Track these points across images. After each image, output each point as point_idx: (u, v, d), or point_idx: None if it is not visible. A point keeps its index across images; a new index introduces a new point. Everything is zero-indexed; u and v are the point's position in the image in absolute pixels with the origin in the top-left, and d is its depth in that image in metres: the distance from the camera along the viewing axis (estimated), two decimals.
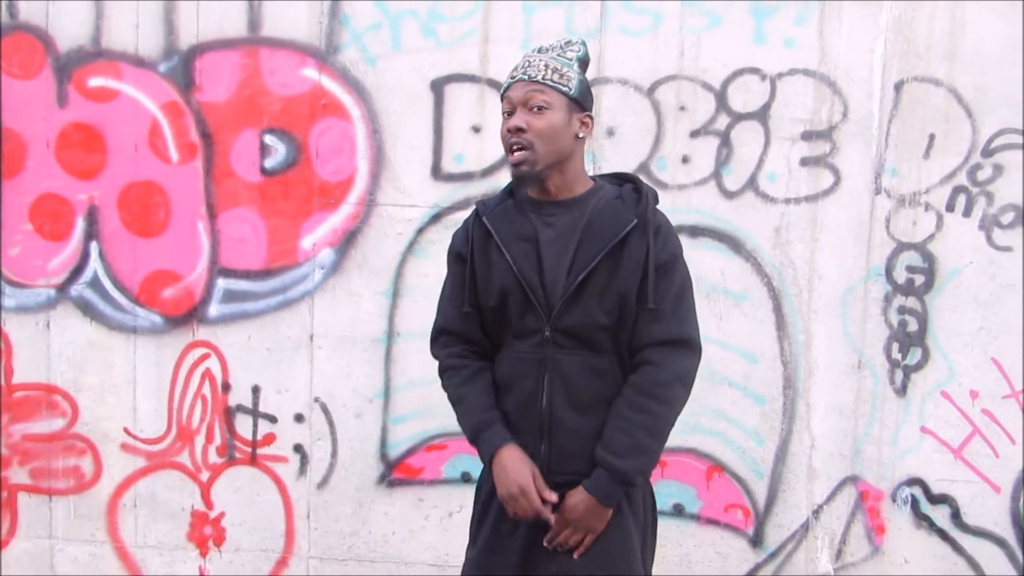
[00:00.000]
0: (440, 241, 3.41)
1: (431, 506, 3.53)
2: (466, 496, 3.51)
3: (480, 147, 3.39)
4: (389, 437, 3.50)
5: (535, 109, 2.09)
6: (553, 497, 2.10)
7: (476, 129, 3.39)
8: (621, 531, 2.16)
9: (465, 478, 3.50)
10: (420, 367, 3.46)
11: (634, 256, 2.09)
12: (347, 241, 3.44)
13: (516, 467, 2.10)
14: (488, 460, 2.16)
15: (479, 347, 2.28)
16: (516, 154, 2.10)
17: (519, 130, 2.08)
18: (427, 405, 3.47)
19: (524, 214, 2.16)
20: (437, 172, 3.41)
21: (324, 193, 3.42)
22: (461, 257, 2.24)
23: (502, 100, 2.16)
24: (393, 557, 3.55)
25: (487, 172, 3.41)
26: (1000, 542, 3.45)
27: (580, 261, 2.09)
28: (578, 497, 2.11)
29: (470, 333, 2.27)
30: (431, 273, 3.42)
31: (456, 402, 2.27)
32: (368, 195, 3.42)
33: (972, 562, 3.46)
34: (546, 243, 2.13)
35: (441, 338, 2.33)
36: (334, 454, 3.51)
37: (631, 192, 2.20)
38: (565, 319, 2.10)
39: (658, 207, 2.18)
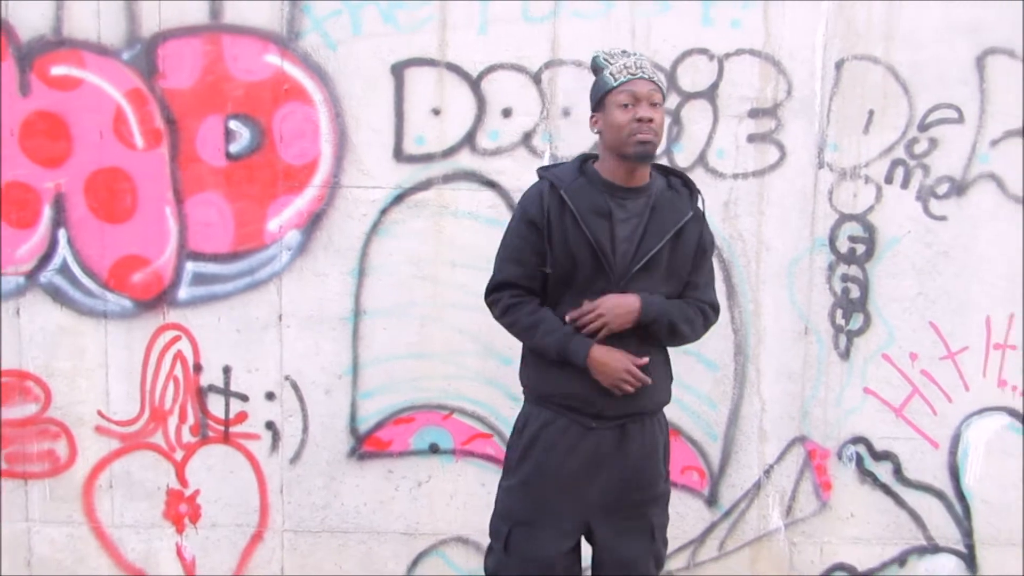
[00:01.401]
0: (403, 221, 3.52)
1: (400, 477, 3.65)
2: (433, 467, 3.65)
3: (440, 129, 3.49)
4: (358, 412, 3.61)
5: (655, 105, 2.50)
6: (644, 360, 2.55)
7: (436, 112, 3.49)
8: (664, 503, 2.75)
9: (433, 449, 3.63)
10: (386, 344, 3.58)
11: (690, 241, 2.59)
12: (313, 223, 3.53)
13: (615, 356, 2.51)
14: (583, 359, 2.50)
15: (538, 298, 2.61)
16: (647, 135, 2.46)
17: (651, 120, 2.46)
18: (393, 380, 3.58)
19: (600, 193, 2.53)
20: (399, 154, 3.51)
21: (289, 176, 3.50)
22: (535, 224, 2.54)
23: (615, 91, 2.50)
24: (365, 528, 3.67)
25: (447, 153, 3.51)
26: (939, 495, 3.67)
27: (649, 239, 2.51)
28: (615, 296, 2.52)
29: (531, 286, 2.60)
30: (395, 252, 3.53)
31: (531, 327, 2.56)
32: (332, 178, 3.50)
33: (914, 514, 3.68)
34: (619, 221, 2.51)
35: (502, 289, 2.62)
36: (305, 430, 3.62)
37: (681, 185, 2.67)
38: (632, 287, 2.51)
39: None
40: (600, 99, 2.55)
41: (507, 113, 3.48)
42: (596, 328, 2.50)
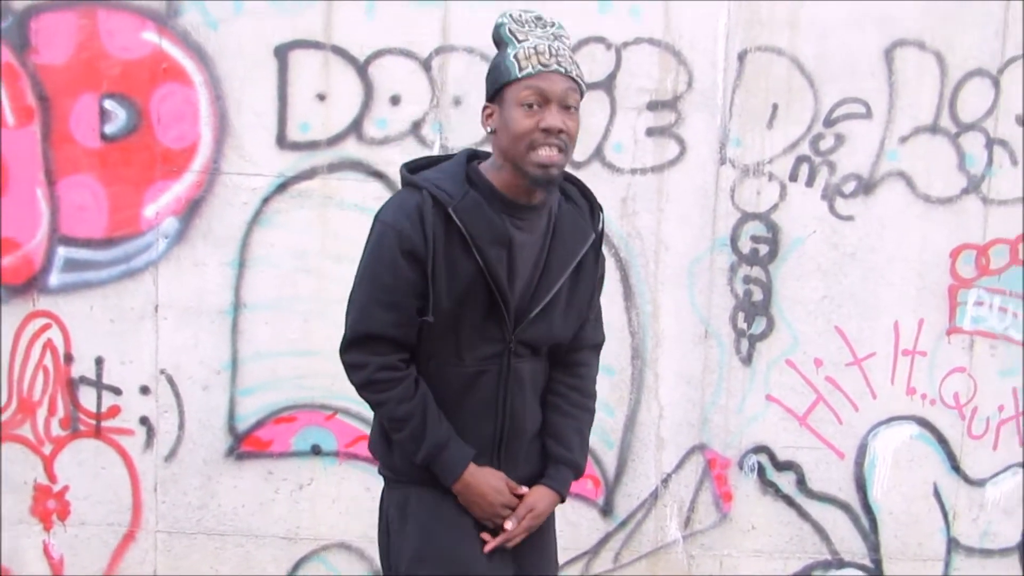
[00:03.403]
0: (286, 211, 3.37)
1: (281, 479, 3.49)
2: (316, 469, 3.49)
3: (325, 116, 3.34)
4: (237, 409, 3.46)
5: (569, 108, 1.89)
6: (524, 490, 2.08)
7: (321, 97, 3.34)
8: (553, 519, 2.22)
9: (315, 450, 3.48)
10: (268, 339, 3.42)
11: (588, 270, 2.07)
12: (191, 210, 3.37)
13: (492, 484, 2.02)
14: (453, 480, 1.98)
15: (410, 356, 2.00)
16: (553, 155, 1.86)
17: (560, 131, 1.86)
18: (275, 377, 3.43)
19: (497, 213, 1.92)
20: (282, 140, 3.36)
21: (167, 160, 3.35)
22: (416, 256, 1.88)
23: (519, 83, 1.88)
24: (243, 530, 3.51)
25: (333, 141, 3.36)
26: (845, 507, 3.52)
27: (550, 274, 1.98)
28: (540, 493, 2.08)
29: (407, 340, 1.96)
30: (277, 243, 3.38)
31: (402, 420, 1.96)
32: (212, 163, 3.35)
33: (818, 527, 3.53)
34: (518, 249, 1.94)
35: (369, 345, 1.95)
36: (181, 427, 3.46)
37: (580, 196, 2.10)
38: (530, 332, 2.00)
39: None
40: (499, 88, 1.92)
41: (395, 100, 3.33)
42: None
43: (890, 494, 3.53)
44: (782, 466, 3.50)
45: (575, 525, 3.50)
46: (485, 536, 2.04)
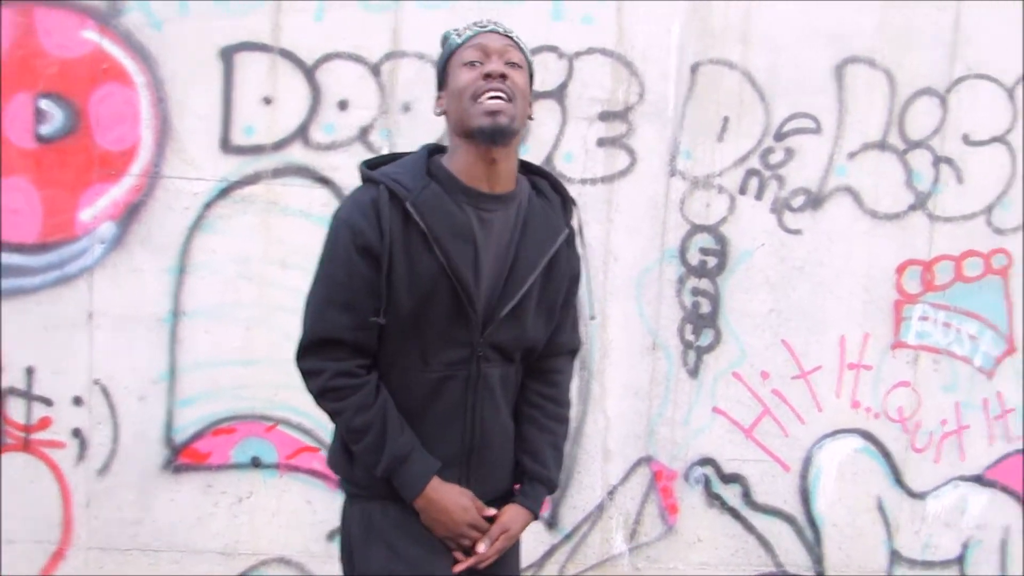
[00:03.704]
0: (229, 216, 3.28)
1: (220, 492, 3.39)
2: (255, 481, 3.40)
3: (271, 119, 3.27)
4: (174, 421, 3.35)
5: (511, 64, 1.83)
6: (491, 511, 1.96)
7: (267, 101, 3.26)
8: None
9: (255, 463, 3.39)
10: (207, 348, 3.32)
11: (562, 268, 1.96)
12: (129, 214, 3.26)
13: (457, 500, 1.90)
14: (414, 495, 1.87)
15: (370, 361, 1.89)
16: (497, 102, 1.76)
17: (503, 76, 1.78)
18: (215, 388, 3.33)
19: (459, 204, 1.83)
20: (226, 144, 3.27)
21: (105, 163, 3.24)
22: (370, 252, 1.79)
23: (460, 49, 1.86)
24: (180, 546, 3.40)
25: (279, 146, 3.29)
26: (789, 519, 3.53)
27: (520, 271, 1.87)
28: (514, 512, 1.98)
29: (366, 345, 1.86)
30: (219, 249, 3.29)
31: (360, 431, 1.85)
32: (152, 167, 3.25)
33: (763, 540, 3.53)
34: (483, 244, 1.83)
35: (325, 350, 1.85)
36: (115, 439, 3.34)
37: (551, 190, 2.01)
38: (499, 335, 1.89)
39: None
40: (443, 68, 1.91)
41: (343, 105, 3.27)
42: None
43: (834, 507, 3.55)
44: (728, 478, 3.49)
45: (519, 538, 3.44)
46: (457, 555, 1.94)
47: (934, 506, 3.55)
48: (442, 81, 1.93)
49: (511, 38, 1.88)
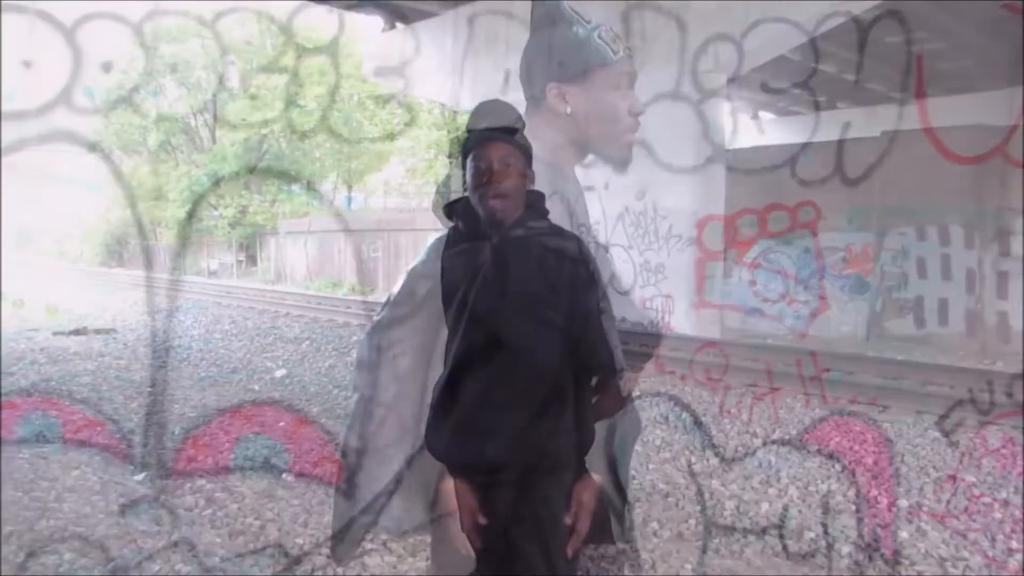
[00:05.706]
0: None
1: None
2: None
3: (33, 83, 3.14)
4: None
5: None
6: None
7: (27, 64, 3.12)
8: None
9: None
10: None
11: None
12: None
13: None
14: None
15: None
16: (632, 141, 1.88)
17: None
18: None
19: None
20: None
21: None
22: None
23: (613, 67, 1.89)
24: None
25: (42, 111, 3.17)
26: None
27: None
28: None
29: None
30: None
31: None
32: None
33: None
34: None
35: None
36: None
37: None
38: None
39: None
40: (583, 69, 1.86)
41: (107, 68, 3.23)
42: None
43: None
44: None
45: None
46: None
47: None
48: (574, 74, 1.88)
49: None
